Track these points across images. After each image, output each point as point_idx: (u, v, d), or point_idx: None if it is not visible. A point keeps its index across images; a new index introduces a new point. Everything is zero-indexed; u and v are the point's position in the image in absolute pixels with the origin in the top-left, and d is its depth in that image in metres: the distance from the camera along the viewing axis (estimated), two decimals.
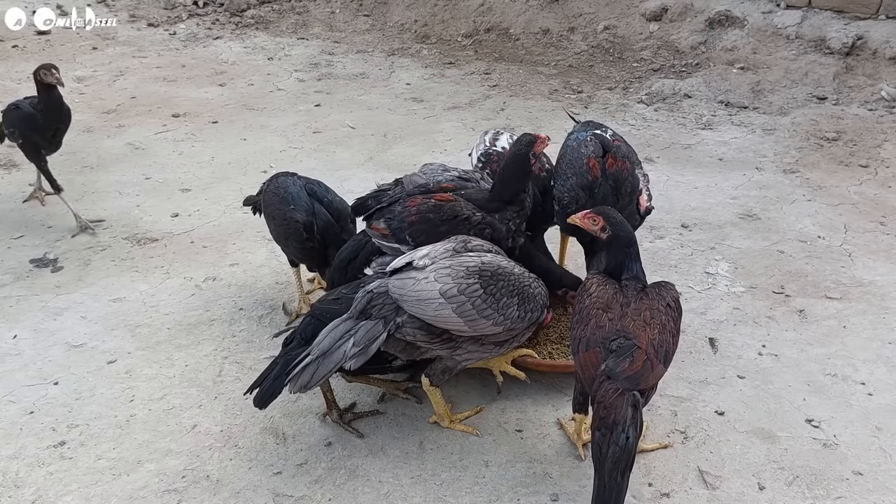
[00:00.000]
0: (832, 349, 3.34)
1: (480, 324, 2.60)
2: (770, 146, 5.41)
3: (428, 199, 2.94)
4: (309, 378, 2.50)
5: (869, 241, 4.20)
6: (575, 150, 3.25)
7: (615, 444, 2.27)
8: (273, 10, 8.51)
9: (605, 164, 3.17)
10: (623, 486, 2.28)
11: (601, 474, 2.29)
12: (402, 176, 3.42)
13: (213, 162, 5.13)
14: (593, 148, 3.22)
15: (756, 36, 6.74)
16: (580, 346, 2.49)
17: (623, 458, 2.27)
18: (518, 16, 7.72)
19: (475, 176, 3.27)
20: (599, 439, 2.31)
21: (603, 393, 2.35)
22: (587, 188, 3.12)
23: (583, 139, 3.29)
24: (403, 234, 2.90)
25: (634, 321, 2.45)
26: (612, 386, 2.34)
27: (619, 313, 2.49)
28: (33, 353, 3.29)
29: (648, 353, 2.38)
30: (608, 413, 2.31)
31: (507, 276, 2.68)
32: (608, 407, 2.32)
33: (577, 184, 3.13)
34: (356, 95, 6.41)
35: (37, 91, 4.08)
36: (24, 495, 2.61)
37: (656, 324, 2.45)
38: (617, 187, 3.14)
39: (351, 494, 2.62)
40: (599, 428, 2.32)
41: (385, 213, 2.99)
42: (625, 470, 2.28)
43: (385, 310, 2.59)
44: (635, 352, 2.38)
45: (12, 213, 4.45)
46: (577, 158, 3.21)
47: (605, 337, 2.44)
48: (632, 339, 2.41)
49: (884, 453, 2.80)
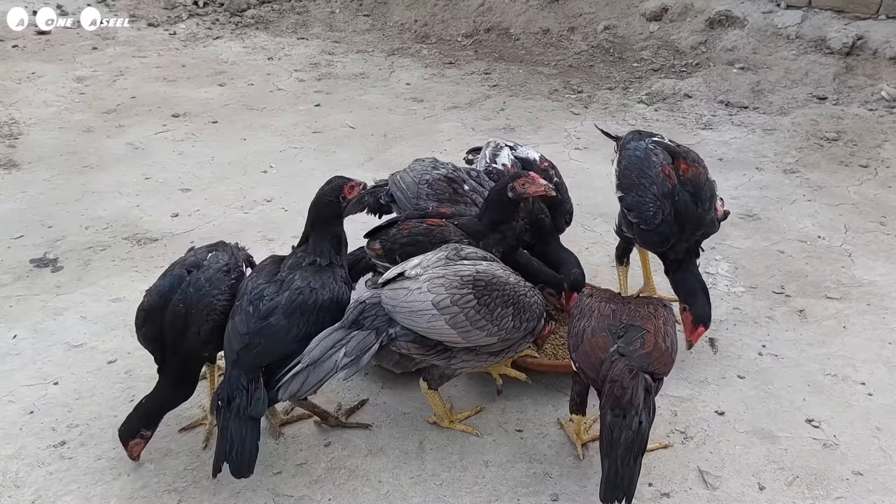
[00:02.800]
0: (832, 349, 3.34)
1: (474, 335, 2.57)
2: (770, 146, 5.40)
3: (420, 223, 2.98)
4: (299, 386, 2.48)
5: (869, 242, 4.20)
6: (643, 160, 3.11)
7: (628, 429, 2.28)
8: (273, 10, 8.51)
9: (679, 170, 3.07)
10: (636, 470, 2.28)
11: (613, 458, 2.27)
12: (391, 174, 3.44)
13: (213, 162, 5.13)
14: (662, 156, 3.11)
15: (756, 36, 6.74)
16: (585, 333, 2.52)
17: (636, 442, 2.28)
18: (518, 16, 7.72)
19: (462, 176, 3.28)
20: (612, 422, 2.29)
21: (617, 372, 2.35)
22: (669, 196, 3.01)
23: (646, 148, 3.16)
24: (394, 255, 2.94)
25: (639, 312, 2.53)
26: (627, 365, 2.36)
27: (621, 306, 2.58)
28: (33, 353, 3.29)
29: (657, 337, 2.44)
30: (623, 392, 2.31)
31: (502, 285, 2.63)
32: (624, 386, 2.31)
33: (660, 193, 3.01)
34: (356, 95, 6.41)
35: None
36: (24, 495, 2.61)
37: (659, 316, 2.53)
38: (696, 193, 3.04)
39: (350, 494, 2.62)
40: (613, 408, 2.30)
41: (382, 235, 3.03)
42: (637, 455, 2.29)
43: (378, 321, 2.56)
44: (645, 335, 2.44)
45: (12, 213, 4.45)
46: (650, 167, 3.07)
47: (611, 324, 2.50)
48: (639, 325, 2.48)
49: (884, 453, 2.80)
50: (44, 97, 6.14)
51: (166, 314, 2.64)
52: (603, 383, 2.39)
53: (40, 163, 5.05)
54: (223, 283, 2.71)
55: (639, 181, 3.08)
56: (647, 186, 3.05)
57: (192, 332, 2.62)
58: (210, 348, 2.72)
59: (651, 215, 3.01)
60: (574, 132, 5.62)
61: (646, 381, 2.35)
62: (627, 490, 2.29)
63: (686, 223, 3.02)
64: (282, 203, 4.58)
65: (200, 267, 2.76)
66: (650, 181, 3.05)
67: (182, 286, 2.69)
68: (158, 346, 2.67)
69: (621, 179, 3.18)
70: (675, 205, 3.00)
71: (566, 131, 5.61)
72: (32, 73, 6.62)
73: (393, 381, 3.11)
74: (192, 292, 2.66)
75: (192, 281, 2.70)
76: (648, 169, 3.08)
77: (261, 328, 2.57)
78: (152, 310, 2.67)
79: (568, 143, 5.42)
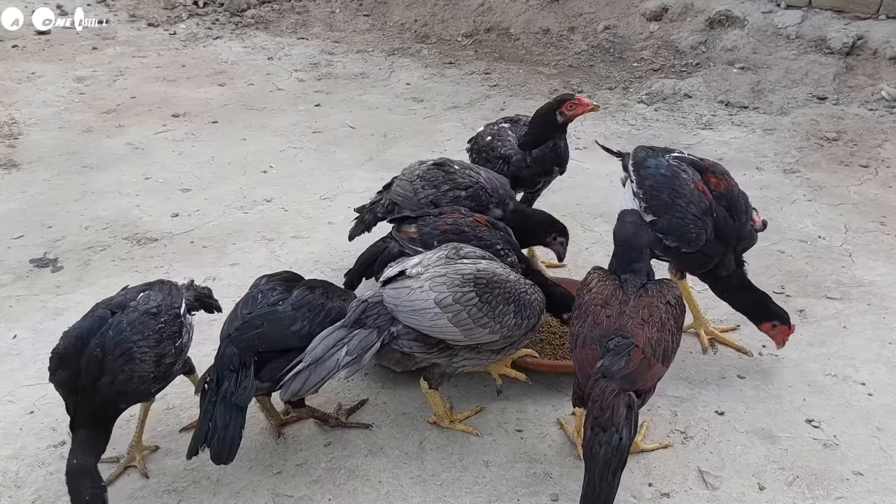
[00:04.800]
0: (832, 349, 3.34)
1: (476, 332, 2.58)
2: (770, 146, 5.40)
3: (468, 215, 3.04)
4: (300, 385, 2.47)
5: (869, 241, 4.20)
6: (672, 178, 2.96)
7: (607, 445, 2.26)
8: (273, 9, 8.50)
9: (710, 185, 2.95)
10: (613, 485, 2.26)
11: (592, 473, 2.27)
12: (392, 178, 3.53)
13: (212, 162, 5.13)
14: (691, 172, 2.98)
15: (756, 36, 6.74)
16: (577, 342, 2.49)
17: (615, 458, 2.26)
18: (518, 15, 7.72)
19: (448, 160, 3.38)
20: (591, 438, 2.29)
21: (598, 392, 2.33)
22: (708, 214, 2.90)
23: (670, 164, 3.01)
24: (432, 241, 2.96)
25: (633, 319, 2.44)
26: (609, 385, 2.33)
27: (617, 310, 2.47)
28: (33, 353, 3.29)
29: (646, 351, 2.37)
30: (602, 412, 2.30)
31: (503, 283, 2.64)
32: (603, 407, 2.31)
33: (699, 212, 2.89)
34: (356, 95, 6.41)
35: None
36: (24, 495, 2.61)
37: (655, 321, 2.43)
38: (731, 207, 2.94)
39: (350, 494, 2.62)
40: (593, 427, 2.30)
41: (418, 221, 3.07)
42: (616, 470, 2.27)
43: (380, 320, 2.57)
44: (632, 351, 2.36)
45: (12, 213, 4.45)
46: (682, 185, 2.93)
47: (602, 335, 2.43)
48: (629, 337, 2.39)
49: (884, 453, 2.80)
50: (44, 97, 6.14)
51: (82, 359, 2.41)
52: (587, 399, 2.39)
53: (40, 163, 5.05)
54: (148, 328, 2.49)
55: (673, 201, 2.92)
56: (685, 206, 2.90)
57: (106, 382, 2.40)
58: (125, 401, 2.49)
59: (694, 237, 2.90)
60: (574, 132, 5.60)
61: (628, 398, 2.32)
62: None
63: (727, 239, 2.95)
64: (282, 203, 4.58)
65: (126, 308, 2.54)
66: (686, 200, 2.91)
67: (102, 329, 2.46)
68: (72, 393, 2.42)
69: (650, 202, 2.97)
70: (715, 221, 2.91)
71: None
72: (32, 73, 6.62)
73: (393, 382, 3.11)
74: (112, 336, 2.44)
75: (113, 324, 2.47)
76: (680, 187, 2.93)
77: (266, 312, 2.60)
78: (68, 354, 2.44)
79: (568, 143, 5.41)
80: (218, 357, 2.55)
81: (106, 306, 2.56)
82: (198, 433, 2.44)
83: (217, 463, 2.43)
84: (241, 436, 2.44)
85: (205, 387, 2.51)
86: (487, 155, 3.56)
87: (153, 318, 2.53)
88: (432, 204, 3.23)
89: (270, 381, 2.54)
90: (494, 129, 3.67)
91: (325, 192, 4.70)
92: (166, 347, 2.54)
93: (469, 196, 3.21)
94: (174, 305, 2.63)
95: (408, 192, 3.33)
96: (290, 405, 2.81)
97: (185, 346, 2.67)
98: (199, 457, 2.73)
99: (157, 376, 2.54)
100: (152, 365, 2.49)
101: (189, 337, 2.70)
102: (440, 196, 3.24)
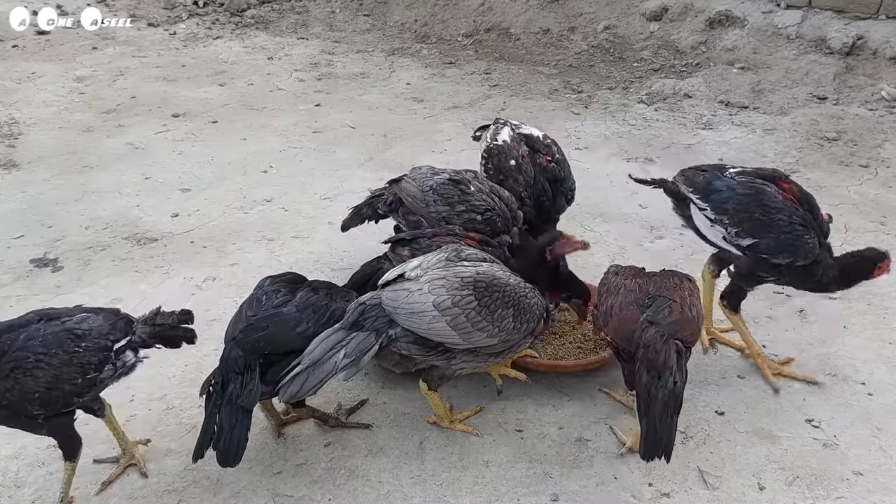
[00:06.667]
0: (832, 349, 3.34)
1: (475, 336, 2.57)
2: (770, 146, 5.40)
3: (463, 237, 3.00)
4: (299, 388, 2.47)
5: (869, 241, 4.18)
6: (756, 195, 2.87)
7: (664, 388, 2.38)
8: (273, 9, 8.50)
9: (786, 191, 2.90)
10: (673, 428, 2.38)
11: (651, 416, 2.38)
12: (396, 177, 3.47)
13: (212, 162, 5.13)
14: (768, 184, 2.92)
15: (756, 36, 6.74)
16: (614, 310, 2.62)
17: (672, 400, 2.38)
18: (518, 15, 7.72)
19: (467, 176, 3.28)
20: (649, 381, 2.41)
21: (649, 337, 2.47)
22: (808, 222, 2.85)
23: (743, 181, 2.93)
24: None
25: (665, 284, 2.65)
26: (657, 331, 2.48)
27: (647, 281, 2.69)
28: None
29: (683, 307, 2.55)
30: (657, 355, 2.43)
31: (503, 287, 2.63)
32: (657, 350, 2.43)
33: (801, 220, 2.83)
34: (356, 95, 6.41)
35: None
36: (24, 495, 2.61)
37: (685, 288, 2.65)
38: (811, 210, 2.89)
39: (351, 495, 2.62)
40: (648, 370, 2.42)
41: (412, 244, 3.04)
42: (674, 413, 2.39)
43: (378, 322, 2.56)
44: (672, 304, 2.55)
45: (12, 213, 4.45)
46: (770, 199, 2.85)
47: (638, 298, 2.60)
48: (666, 296, 2.59)
49: (884, 453, 2.80)
50: (44, 97, 6.14)
51: None
52: (636, 349, 2.49)
53: (40, 163, 5.05)
54: (61, 347, 2.35)
55: (771, 218, 2.82)
56: (788, 219, 2.81)
57: None
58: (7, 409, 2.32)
59: (811, 247, 2.81)
60: (574, 132, 5.62)
61: (677, 346, 2.46)
62: (666, 447, 2.38)
63: (824, 240, 2.91)
64: (282, 203, 4.58)
65: (54, 320, 2.42)
66: (787, 213, 2.82)
67: (20, 331, 2.35)
68: None
69: (742, 224, 2.86)
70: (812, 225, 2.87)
71: (566, 131, 5.61)
72: (32, 72, 6.62)
73: (393, 382, 3.11)
74: (20, 340, 2.32)
75: (31, 330, 2.36)
76: (771, 202, 2.84)
77: (271, 314, 2.60)
78: None
79: (568, 143, 5.41)
80: (223, 359, 2.55)
81: (38, 312, 2.47)
82: (202, 436, 2.45)
83: (223, 466, 2.44)
84: (247, 438, 2.44)
85: (209, 389, 2.52)
86: (507, 177, 3.40)
87: (73, 339, 2.39)
88: (444, 221, 3.15)
89: (275, 383, 2.54)
90: (517, 152, 3.46)
91: (325, 192, 4.70)
92: (71, 374, 2.36)
93: (485, 220, 3.11)
94: (108, 337, 2.47)
95: (417, 199, 3.25)
96: (290, 405, 2.82)
97: (101, 382, 2.48)
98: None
99: (44, 400, 2.33)
100: (43, 385, 2.31)
101: (115, 375, 2.51)
102: (453, 216, 3.14)
